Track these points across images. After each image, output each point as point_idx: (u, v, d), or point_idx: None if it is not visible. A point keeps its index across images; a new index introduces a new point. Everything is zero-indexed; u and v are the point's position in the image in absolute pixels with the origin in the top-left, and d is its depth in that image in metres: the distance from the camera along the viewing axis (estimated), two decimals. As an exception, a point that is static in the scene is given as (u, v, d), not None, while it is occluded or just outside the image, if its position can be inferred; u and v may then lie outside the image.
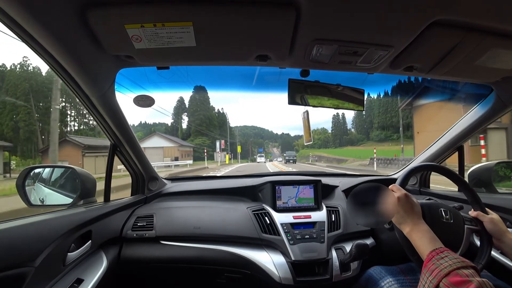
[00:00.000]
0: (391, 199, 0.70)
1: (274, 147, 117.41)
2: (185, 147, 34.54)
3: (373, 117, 47.48)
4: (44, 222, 0.79)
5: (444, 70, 0.90)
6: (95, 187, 1.12)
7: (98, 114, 0.99)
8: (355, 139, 56.01)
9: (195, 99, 49.05)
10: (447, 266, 0.56)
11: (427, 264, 0.60)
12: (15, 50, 27.13)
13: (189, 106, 51.59)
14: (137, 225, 1.17)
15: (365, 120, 52.47)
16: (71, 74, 0.79)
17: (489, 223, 0.80)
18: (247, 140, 76.47)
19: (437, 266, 0.57)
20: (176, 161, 24.66)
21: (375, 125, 46.88)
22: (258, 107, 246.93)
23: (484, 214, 0.83)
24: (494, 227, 0.80)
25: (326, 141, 65.14)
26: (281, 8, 0.62)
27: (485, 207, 0.85)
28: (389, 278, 0.91)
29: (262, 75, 1.15)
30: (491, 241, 0.80)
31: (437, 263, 0.58)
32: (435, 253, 0.60)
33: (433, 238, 0.66)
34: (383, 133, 44.42)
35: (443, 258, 0.58)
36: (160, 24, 0.64)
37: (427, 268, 0.59)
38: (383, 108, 45.06)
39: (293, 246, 1.10)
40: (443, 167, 0.95)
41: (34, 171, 1.11)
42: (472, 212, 0.86)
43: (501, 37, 0.72)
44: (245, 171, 8.83)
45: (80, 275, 0.86)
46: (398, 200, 0.72)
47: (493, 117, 1.17)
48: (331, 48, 0.77)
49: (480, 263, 0.77)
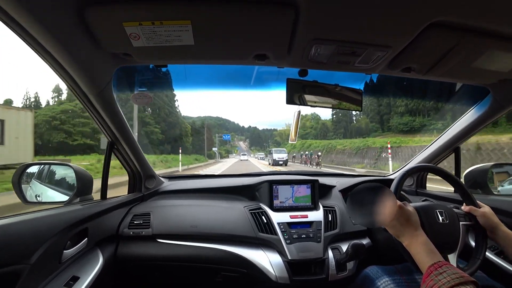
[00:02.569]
0: (390, 199, 0.70)
1: (240, 141, 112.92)
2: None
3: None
4: (40, 219, 0.79)
5: (441, 72, 0.90)
6: (91, 184, 1.12)
7: (96, 111, 0.99)
8: (366, 129, 37.33)
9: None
10: (445, 282, 0.55)
11: (426, 279, 0.60)
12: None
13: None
14: (133, 223, 1.17)
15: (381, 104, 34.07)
16: (69, 71, 0.78)
17: (482, 217, 0.82)
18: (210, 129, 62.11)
19: (436, 283, 0.57)
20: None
21: (401, 108, 30.62)
22: (224, 98, 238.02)
23: (476, 208, 0.84)
24: (486, 220, 0.81)
25: (324, 131, 48.88)
26: (280, 7, 0.62)
27: (476, 201, 0.87)
28: (385, 278, 0.92)
29: (260, 74, 1.15)
30: (485, 235, 0.82)
31: (436, 279, 0.58)
32: (434, 268, 0.60)
33: (431, 251, 0.66)
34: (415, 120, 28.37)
35: (441, 273, 0.58)
36: (159, 22, 0.64)
37: (426, 284, 0.59)
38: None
39: (290, 245, 1.11)
40: (436, 167, 0.96)
41: (31, 168, 1.10)
42: (464, 207, 0.87)
43: (498, 39, 0.72)
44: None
45: (76, 273, 0.86)
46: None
47: (489, 119, 1.17)
48: (329, 48, 0.77)
49: (478, 258, 0.79)
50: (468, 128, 1.24)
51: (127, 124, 1.11)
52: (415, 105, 28.85)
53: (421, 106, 28.53)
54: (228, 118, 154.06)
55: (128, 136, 1.15)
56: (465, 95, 1.25)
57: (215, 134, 56.91)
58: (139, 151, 1.28)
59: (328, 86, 0.99)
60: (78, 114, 28.38)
